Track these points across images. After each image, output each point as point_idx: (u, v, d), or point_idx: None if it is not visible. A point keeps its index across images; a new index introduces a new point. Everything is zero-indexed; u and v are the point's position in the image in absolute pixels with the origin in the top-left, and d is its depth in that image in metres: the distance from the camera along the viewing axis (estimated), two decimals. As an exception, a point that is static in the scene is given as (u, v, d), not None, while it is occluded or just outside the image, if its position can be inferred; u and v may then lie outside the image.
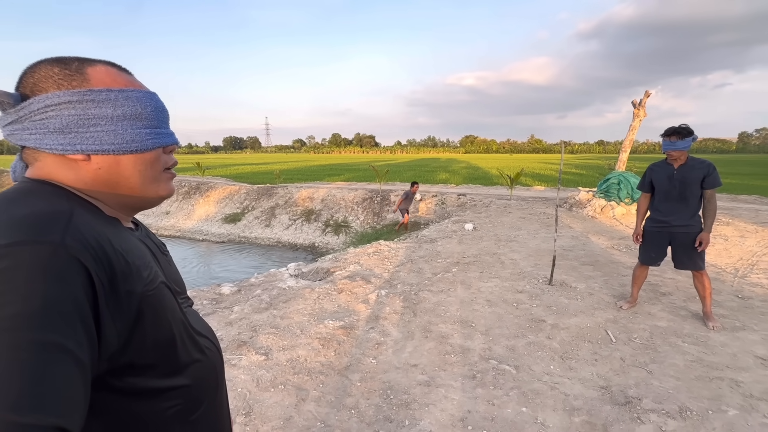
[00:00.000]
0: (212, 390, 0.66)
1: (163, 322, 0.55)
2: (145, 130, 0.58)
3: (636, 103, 7.97)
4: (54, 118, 0.52)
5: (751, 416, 2.01)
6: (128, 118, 0.56)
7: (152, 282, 0.54)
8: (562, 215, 7.96)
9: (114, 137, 0.55)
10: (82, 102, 0.53)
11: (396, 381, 2.39)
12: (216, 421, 0.67)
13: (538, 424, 2.00)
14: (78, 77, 0.54)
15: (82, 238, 0.46)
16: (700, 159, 2.95)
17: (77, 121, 0.53)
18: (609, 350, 2.70)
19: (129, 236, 0.58)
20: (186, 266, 9.39)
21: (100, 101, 0.54)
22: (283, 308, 3.44)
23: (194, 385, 0.61)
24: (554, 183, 15.71)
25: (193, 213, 14.07)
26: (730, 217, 7.36)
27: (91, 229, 0.48)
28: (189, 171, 22.46)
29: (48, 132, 0.52)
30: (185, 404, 0.59)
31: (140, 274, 0.52)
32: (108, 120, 0.54)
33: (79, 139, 0.53)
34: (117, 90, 0.56)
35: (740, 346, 2.69)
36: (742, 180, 16.94)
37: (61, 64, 0.54)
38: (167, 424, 0.57)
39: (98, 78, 0.55)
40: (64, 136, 0.53)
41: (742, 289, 3.84)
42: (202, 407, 0.63)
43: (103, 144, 0.54)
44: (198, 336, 0.65)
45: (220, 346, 0.75)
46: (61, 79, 0.53)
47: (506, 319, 3.21)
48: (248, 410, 2.12)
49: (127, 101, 0.56)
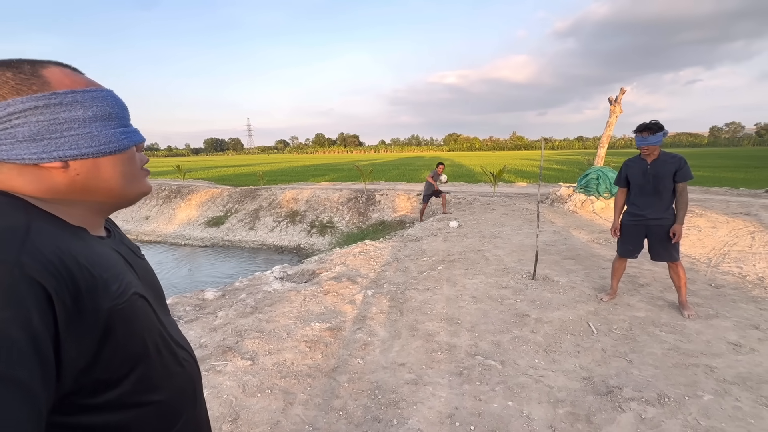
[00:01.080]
0: (190, 403, 0.64)
1: (135, 335, 0.53)
2: (119, 129, 0.56)
3: (612, 100, 8.18)
4: (21, 126, 0.49)
5: (724, 400, 2.09)
6: (100, 118, 0.54)
7: (122, 295, 0.52)
8: (544, 211, 8.12)
9: (91, 140, 0.53)
10: (49, 106, 0.50)
11: (384, 381, 2.39)
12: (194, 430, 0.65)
13: (523, 417, 2.04)
14: (36, 81, 0.50)
15: (40, 255, 0.43)
16: (672, 153, 3.05)
17: (48, 127, 0.50)
18: (591, 342, 2.77)
19: (97, 247, 0.54)
20: (168, 272, 9.18)
21: (68, 104, 0.51)
22: (269, 312, 3.41)
23: (171, 399, 0.59)
24: (536, 179, 16.00)
25: (175, 217, 13.76)
26: (703, 209, 7.64)
27: (52, 245, 0.46)
28: (169, 174, 21.96)
29: (17, 141, 0.49)
30: (163, 419, 0.58)
31: (108, 288, 0.50)
32: (81, 122, 0.52)
33: (54, 146, 0.50)
34: (82, 91, 0.53)
35: (714, 333, 2.80)
36: (714, 173, 17.62)
37: (12, 68, 0.50)
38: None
39: (57, 80, 0.52)
40: (36, 144, 0.50)
41: (714, 278, 3.99)
42: (181, 421, 0.61)
43: (81, 148, 0.52)
44: (177, 347, 0.62)
45: (196, 357, 0.73)
46: (19, 84, 0.49)
47: (491, 314, 3.25)
48: (234, 417, 2.09)
49: (95, 101, 0.54)
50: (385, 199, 11.56)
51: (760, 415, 1.97)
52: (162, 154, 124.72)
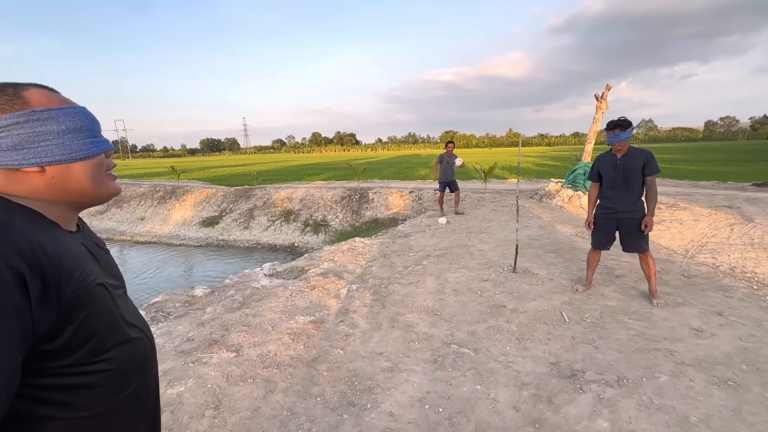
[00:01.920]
0: (141, 372, 0.74)
1: (91, 315, 0.63)
2: (88, 139, 0.68)
3: (598, 96, 8.30)
4: (5, 138, 0.60)
5: (679, 380, 2.22)
6: (72, 131, 0.65)
7: (83, 281, 0.62)
8: (532, 206, 8.25)
9: (63, 149, 0.64)
10: (28, 122, 0.61)
11: (361, 369, 2.51)
12: (143, 400, 0.74)
13: (490, 399, 2.16)
14: (18, 101, 0.62)
15: (17, 248, 0.54)
16: (640, 148, 3.17)
17: (27, 139, 0.61)
18: (562, 330, 2.90)
19: (65, 240, 0.65)
20: (162, 272, 9.27)
21: (44, 119, 0.62)
22: (256, 307, 3.52)
23: (123, 368, 0.69)
24: (529, 175, 16.13)
25: (169, 218, 13.83)
26: (687, 203, 7.79)
27: (26, 239, 0.56)
28: (164, 176, 21.97)
29: (1, 150, 0.60)
30: (116, 384, 0.68)
31: (72, 275, 0.60)
32: (55, 134, 0.63)
33: (32, 154, 0.61)
34: (56, 108, 0.64)
35: (678, 320, 2.93)
36: (706, 167, 17.79)
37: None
38: (95, 402, 0.64)
39: (36, 99, 0.63)
40: (17, 153, 0.60)
41: (689, 268, 4.13)
42: (132, 386, 0.71)
43: (55, 155, 0.63)
44: (128, 326, 0.72)
45: (152, 336, 0.83)
46: (3, 105, 0.61)
47: (470, 306, 3.37)
48: (217, 404, 2.20)
49: (67, 117, 0.65)
50: (378, 197, 11.66)
51: (709, 393, 2.10)
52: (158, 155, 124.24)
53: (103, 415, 0.65)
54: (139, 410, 0.73)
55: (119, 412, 0.68)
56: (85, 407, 0.63)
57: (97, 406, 0.64)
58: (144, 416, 0.75)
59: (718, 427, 1.86)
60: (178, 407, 2.16)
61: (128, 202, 15.34)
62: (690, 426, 1.88)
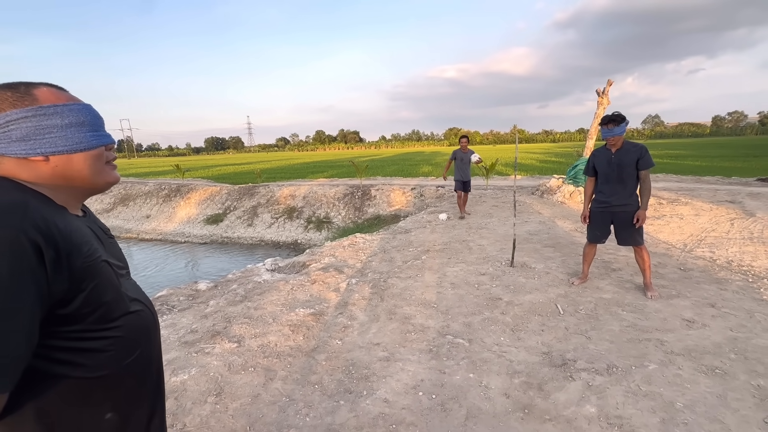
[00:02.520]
0: (145, 340, 0.82)
1: (97, 286, 0.71)
2: (89, 133, 0.75)
3: (600, 92, 8.29)
4: (15, 130, 0.68)
5: (667, 369, 2.28)
6: (74, 125, 0.73)
7: (90, 256, 0.70)
8: (533, 202, 8.28)
9: (65, 141, 0.71)
10: (36, 116, 0.69)
11: (358, 358, 2.58)
12: (147, 368, 0.83)
13: (482, 386, 2.23)
14: (28, 98, 0.69)
15: (35, 223, 0.61)
16: (634, 143, 3.21)
17: (34, 131, 0.68)
18: (556, 321, 2.96)
19: (73, 220, 0.74)
20: (166, 267, 9.41)
21: (50, 114, 0.70)
22: (257, 300, 3.60)
23: (128, 336, 0.77)
24: (532, 171, 16.12)
25: (174, 215, 13.99)
26: (689, 198, 7.78)
27: (41, 216, 0.64)
28: (169, 174, 22.18)
29: (12, 141, 0.68)
30: (123, 349, 0.76)
31: (80, 249, 0.68)
32: (58, 128, 0.71)
33: (38, 145, 0.69)
34: (62, 105, 0.72)
35: (671, 311, 2.97)
36: (711, 162, 17.67)
37: (11, 89, 0.70)
38: (104, 364, 0.73)
39: (44, 97, 0.71)
40: (25, 143, 0.68)
41: (686, 262, 4.16)
42: (137, 352, 0.79)
43: (57, 146, 0.71)
44: (129, 301, 0.80)
45: (155, 310, 0.91)
46: (15, 101, 0.69)
47: (467, 299, 3.44)
48: (219, 391, 2.29)
49: (71, 112, 0.73)
50: (380, 194, 11.73)
51: (696, 381, 2.15)
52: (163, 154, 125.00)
53: (111, 378, 0.73)
54: (144, 377, 0.82)
55: (126, 376, 0.76)
56: (95, 369, 0.71)
57: (106, 368, 0.72)
58: (148, 383, 0.83)
59: (703, 413, 1.92)
60: (182, 394, 2.25)
61: (134, 201, 15.53)
62: (675, 411, 1.94)
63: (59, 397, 0.68)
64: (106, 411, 0.74)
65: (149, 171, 28.02)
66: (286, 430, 1.96)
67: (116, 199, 15.92)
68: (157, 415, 0.86)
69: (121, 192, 16.18)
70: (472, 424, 1.94)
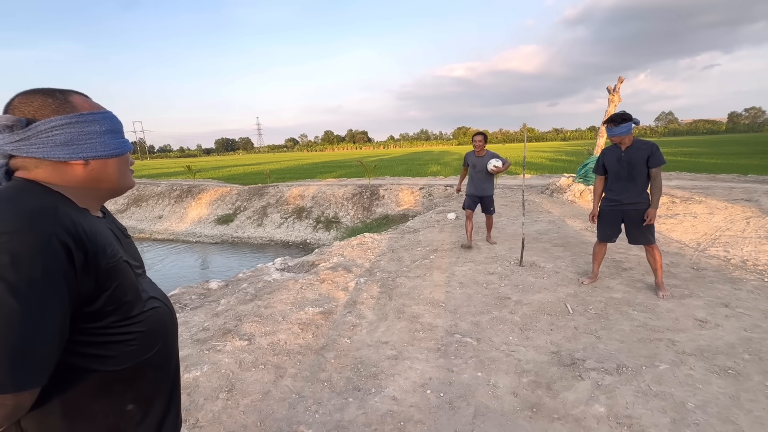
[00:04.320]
0: (163, 335, 0.86)
1: (121, 284, 0.76)
2: (120, 139, 0.81)
3: (611, 89, 8.19)
4: (59, 135, 0.72)
5: (679, 369, 2.25)
6: (109, 132, 0.78)
7: (113, 257, 0.74)
8: (543, 201, 8.21)
9: (104, 147, 0.77)
10: (78, 123, 0.74)
11: (367, 356, 2.61)
12: (166, 362, 0.87)
13: (490, 385, 2.23)
14: (68, 105, 0.74)
15: (65, 227, 0.66)
16: (645, 141, 3.18)
17: (77, 137, 0.73)
18: (565, 321, 2.94)
19: (96, 222, 0.78)
20: (179, 267, 9.56)
21: (90, 121, 0.75)
22: (267, 299, 3.65)
23: (149, 331, 0.81)
24: (542, 170, 15.96)
25: (186, 216, 14.21)
26: (704, 196, 7.63)
27: (70, 219, 0.68)
28: (180, 175, 22.50)
29: (55, 146, 0.72)
30: (144, 344, 0.80)
31: (105, 251, 0.72)
32: (97, 134, 0.76)
33: (80, 150, 0.74)
34: (97, 112, 0.77)
35: (684, 311, 2.93)
36: (727, 160, 17.27)
37: (51, 95, 0.74)
38: (126, 358, 0.77)
39: (80, 104, 0.76)
40: (68, 148, 0.73)
41: (699, 261, 4.09)
42: (158, 346, 0.83)
43: (98, 151, 0.76)
44: (147, 298, 0.84)
45: (173, 307, 0.95)
46: (57, 107, 0.73)
47: (475, 298, 3.44)
48: (231, 387, 2.33)
49: (105, 120, 0.78)
50: (389, 194, 11.75)
51: (708, 381, 2.13)
52: (174, 155, 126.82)
53: (132, 372, 0.78)
54: (163, 371, 0.86)
55: (146, 370, 0.80)
56: (117, 362, 0.75)
57: (127, 362, 0.77)
58: (167, 377, 0.87)
59: (715, 413, 1.90)
60: (195, 390, 2.30)
61: (147, 201, 15.81)
62: (686, 411, 1.92)
63: (83, 389, 0.72)
64: (127, 403, 0.77)
65: (161, 172, 28.48)
66: (295, 426, 1.99)
67: (129, 200, 16.22)
68: (173, 408, 0.89)
69: (134, 193, 16.48)
70: (480, 422, 1.95)
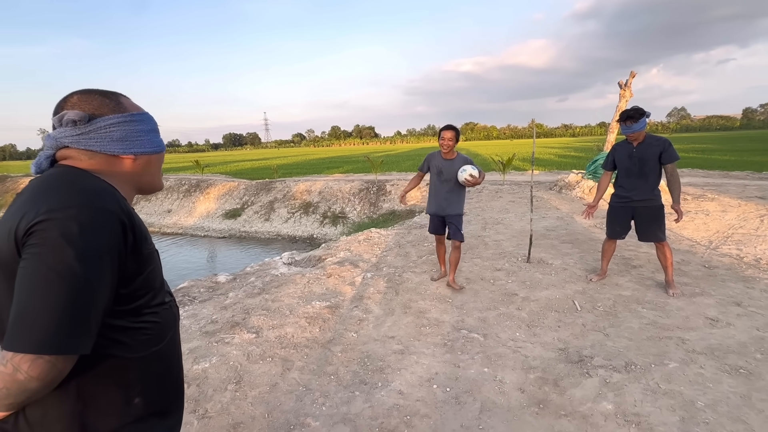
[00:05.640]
0: (173, 327, 0.90)
1: (154, 270, 0.81)
2: (160, 138, 0.90)
3: (622, 84, 8.04)
4: (116, 132, 0.80)
5: (689, 367, 2.23)
6: (152, 131, 0.87)
7: (151, 244, 0.82)
8: (551, 197, 8.14)
9: (150, 144, 0.85)
10: (131, 122, 0.82)
11: (373, 351, 2.62)
12: (173, 357, 0.90)
13: (496, 381, 2.23)
14: (120, 106, 0.83)
15: (123, 208, 0.73)
16: (657, 136, 3.12)
17: (129, 134, 0.82)
18: (573, 318, 2.92)
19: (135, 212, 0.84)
20: (188, 261, 9.67)
21: (138, 121, 0.84)
22: (275, 293, 3.68)
23: (163, 322, 0.84)
24: (550, 166, 15.81)
25: (194, 210, 14.33)
26: (716, 194, 7.50)
27: (125, 203, 0.76)
28: (189, 170, 22.69)
29: (112, 141, 0.80)
30: (158, 333, 0.83)
31: (146, 237, 0.79)
32: (144, 133, 0.84)
33: (131, 145, 0.82)
34: (143, 113, 0.86)
35: (694, 309, 2.90)
36: (741, 156, 16.94)
37: (107, 96, 0.82)
38: (142, 346, 0.79)
39: (129, 105, 0.85)
40: (122, 143, 0.81)
41: (710, 259, 4.03)
42: (168, 337, 0.86)
43: (145, 148, 0.85)
44: (167, 291, 0.89)
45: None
46: (113, 107, 0.81)
47: (482, 294, 3.43)
48: (239, 379, 2.36)
49: (149, 120, 0.87)
50: (395, 190, 11.72)
51: (719, 380, 2.10)
52: (183, 150, 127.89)
53: (147, 360, 0.81)
54: (171, 360, 0.89)
55: (159, 359, 0.84)
56: (137, 350, 0.78)
57: (142, 350, 0.79)
58: (174, 367, 0.90)
59: (725, 412, 1.87)
60: (203, 381, 2.33)
61: (156, 196, 15.97)
62: (696, 410, 1.90)
63: (96, 376, 0.74)
64: (136, 395, 0.79)
65: (170, 167, 28.75)
66: (303, 418, 2.01)
67: (139, 194, 16.40)
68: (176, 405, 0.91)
69: (143, 187, 16.63)
70: (487, 417, 1.95)
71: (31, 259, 0.63)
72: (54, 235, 0.63)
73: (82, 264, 0.64)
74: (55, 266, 0.62)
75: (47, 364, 0.62)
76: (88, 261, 0.65)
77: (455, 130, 3.38)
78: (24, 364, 0.61)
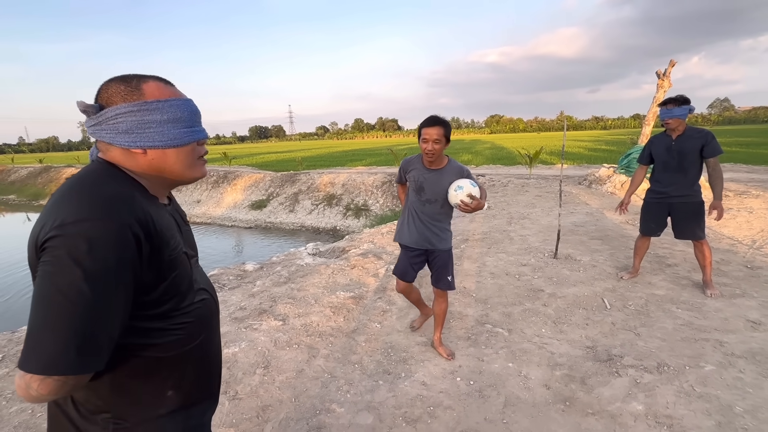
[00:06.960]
0: (207, 327, 0.88)
1: (178, 275, 0.78)
2: (183, 129, 0.78)
3: (660, 74, 7.64)
4: (122, 123, 0.73)
5: (726, 371, 2.13)
6: (171, 121, 0.77)
7: (175, 249, 0.78)
8: (580, 192, 7.88)
9: (162, 136, 0.76)
10: (140, 111, 0.74)
11: (397, 342, 2.65)
12: (207, 353, 0.89)
13: (521, 376, 2.21)
14: (136, 92, 0.75)
15: (138, 218, 0.69)
16: (698, 129, 2.96)
17: (137, 125, 0.74)
18: (602, 316, 2.84)
19: (164, 212, 0.80)
20: (216, 250, 10.01)
21: (152, 110, 0.75)
22: (300, 282, 3.77)
23: (195, 322, 0.84)
24: (580, 160, 15.28)
25: (222, 201, 14.78)
26: (761, 190, 7.06)
27: (144, 210, 0.71)
28: (217, 161, 23.35)
29: (118, 133, 0.74)
30: (190, 334, 0.83)
31: (168, 243, 0.75)
32: (157, 124, 0.75)
33: (138, 138, 0.74)
34: (164, 100, 0.76)
35: (734, 311, 2.76)
36: (790, 151, 15.81)
37: (125, 82, 0.75)
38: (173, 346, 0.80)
39: (150, 92, 0.76)
40: (129, 136, 0.74)
41: (753, 259, 3.81)
42: (201, 337, 0.85)
43: (155, 141, 0.76)
44: (199, 290, 0.87)
45: (217, 298, 0.98)
46: (126, 94, 0.74)
47: (507, 289, 3.38)
48: (267, 364, 2.44)
49: (171, 108, 0.77)
50: (418, 183, 11.67)
51: (760, 386, 2.00)
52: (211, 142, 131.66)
53: (176, 360, 0.81)
54: (206, 354, 0.88)
55: (189, 359, 0.83)
56: (165, 350, 0.79)
57: (173, 350, 0.80)
58: (210, 360, 0.90)
59: (766, 419, 1.79)
60: (234, 364, 2.43)
61: (186, 186, 16.54)
62: (734, 416, 1.82)
63: (130, 371, 0.76)
64: (167, 389, 0.81)
65: (199, 158, 29.56)
66: (328, 404, 2.06)
67: (171, 184, 17.02)
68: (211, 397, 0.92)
69: (174, 178, 17.25)
70: (511, 411, 1.94)
71: (41, 277, 0.63)
72: (62, 253, 0.62)
73: (90, 284, 0.62)
74: (62, 287, 0.62)
75: (56, 383, 0.62)
76: (96, 280, 0.63)
77: (443, 125, 2.12)
78: (34, 383, 0.62)
